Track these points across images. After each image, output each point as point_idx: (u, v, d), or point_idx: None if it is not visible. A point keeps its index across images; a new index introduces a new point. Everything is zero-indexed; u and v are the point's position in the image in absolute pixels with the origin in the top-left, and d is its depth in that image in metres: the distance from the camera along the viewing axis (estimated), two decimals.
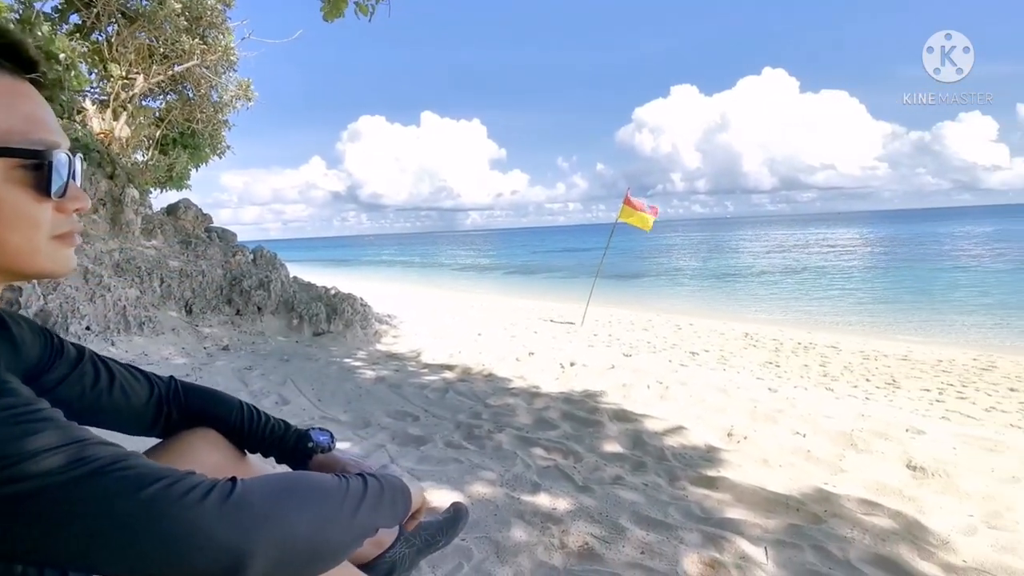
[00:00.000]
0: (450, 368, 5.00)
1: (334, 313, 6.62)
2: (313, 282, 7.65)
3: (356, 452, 2.97)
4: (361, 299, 7.19)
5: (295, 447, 1.23)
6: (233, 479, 0.65)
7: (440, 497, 2.43)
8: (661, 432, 3.37)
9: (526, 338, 7.15)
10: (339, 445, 1.28)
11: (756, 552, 2.09)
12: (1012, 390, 7.11)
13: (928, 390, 7.11)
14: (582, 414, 3.66)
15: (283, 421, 1.26)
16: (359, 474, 0.83)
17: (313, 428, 1.26)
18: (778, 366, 8.36)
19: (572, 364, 5.17)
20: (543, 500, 2.47)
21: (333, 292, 7.05)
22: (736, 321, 14.04)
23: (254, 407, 1.24)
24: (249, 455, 1.23)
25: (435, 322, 9.29)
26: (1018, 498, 2.53)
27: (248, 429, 1.20)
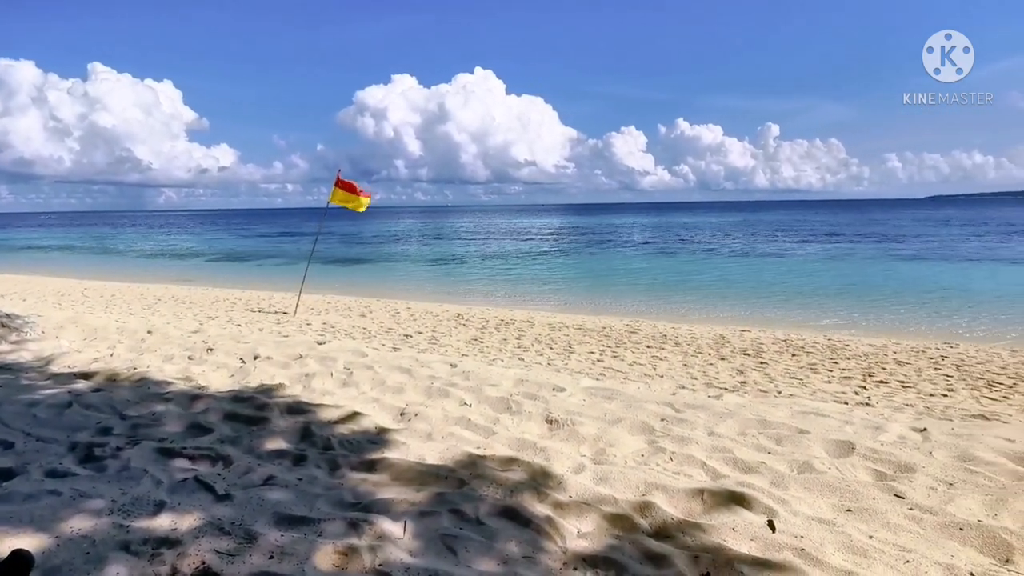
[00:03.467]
0: (87, 376, 4.05)
1: None
2: None
3: None
4: None
5: None
6: None
7: (14, 544, 1.87)
8: (334, 421, 3.23)
9: (215, 332, 6.29)
10: None
11: (396, 528, 2.10)
12: (648, 347, 8.96)
13: (593, 352, 8.50)
14: (248, 412, 3.30)
15: None
16: None
17: None
18: (481, 341, 9.06)
19: (256, 358, 4.69)
20: (163, 522, 2.09)
21: None
22: (450, 303, 14.87)
23: None
24: None
25: (94, 321, 7.57)
26: (619, 436, 3.10)
27: None
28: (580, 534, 2.14)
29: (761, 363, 7.89)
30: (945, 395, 6.35)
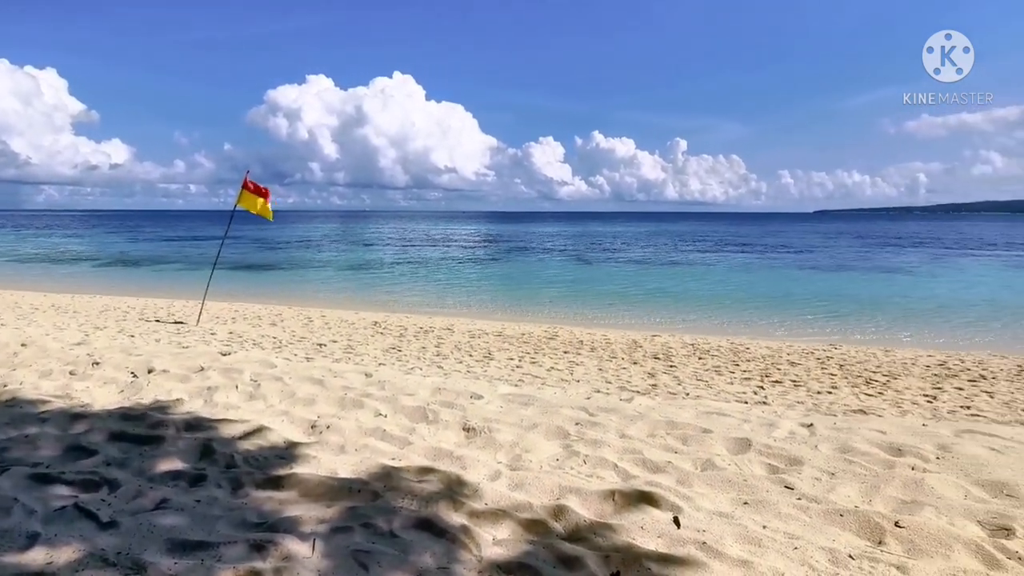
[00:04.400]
0: None
1: None
2: None
3: None
4: None
5: None
6: None
7: None
8: (238, 436, 3.05)
9: (103, 344, 5.75)
10: None
11: (303, 548, 2.01)
12: (566, 352, 9.16)
13: (512, 358, 8.57)
14: (139, 431, 3.04)
15: None
16: None
17: None
18: (399, 350, 8.90)
19: (150, 371, 4.34)
20: (37, 556, 1.88)
21: None
22: (368, 310, 14.51)
23: None
24: None
25: None
26: (535, 441, 3.14)
27: None
28: (495, 541, 2.15)
29: (671, 366, 8.29)
30: (830, 392, 6.95)
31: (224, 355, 4.96)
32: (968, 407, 6.32)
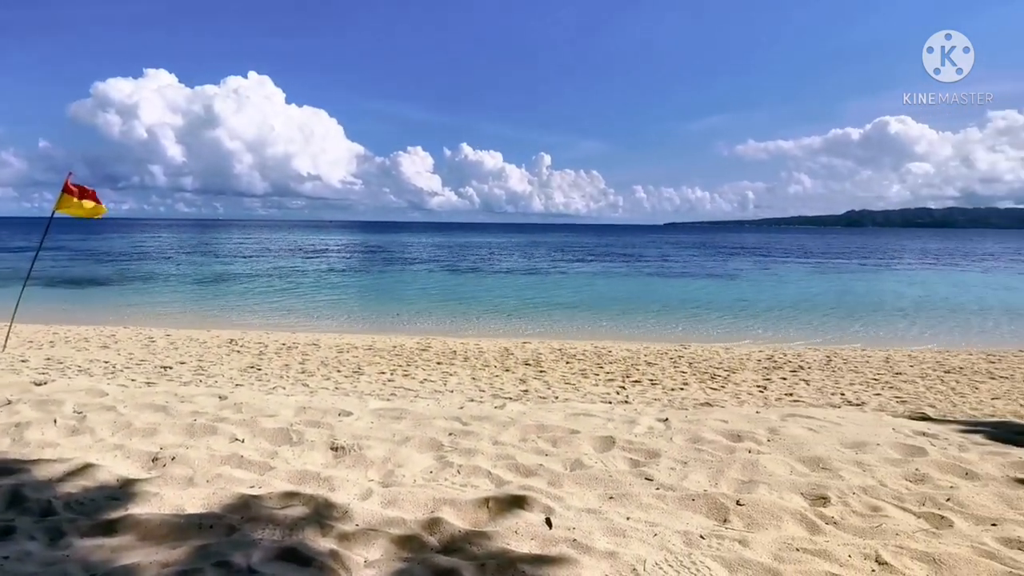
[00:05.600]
0: None
1: None
2: None
3: None
4: None
5: None
6: None
7: None
8: (57, 478, 2.62)
9: None
10: None
11: None
12: (439, 363, 9.10)
13: (384, 372, 8.33)
14: None
15: None
16: None
17: None
18: (259, 369, 8.26)
19: None
20: None
21: None
22: (222, 328, 13.32)
23: None
24: None
25: None
26: (408, 455, 3.07)
27: None
28: (368, 563, 2.05)
29: (540, 372, 8.57)
30: (682, 388, 7.61)
31: (38, 384, 4.26)
32: (791, 394, 7.26)
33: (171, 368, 8.07)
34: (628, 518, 2.41)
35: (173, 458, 2.88)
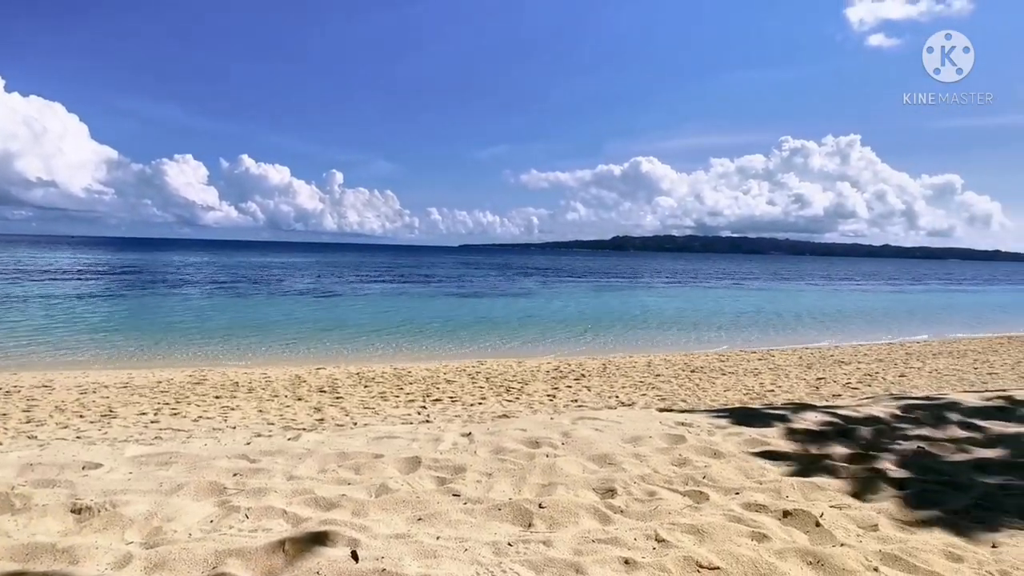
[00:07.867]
0: None
1: None
2: None
3: None
4: None
5: None
6: None
7: None
8: None
9: None
10: None
11: None
12: (217, 397, 8.05)
13: (145, 412, 7.09)
14: None
15: None
16: None
17: None
18: None
19: None
20: None
21: None
22: None
23: None
24: None
25: None
26: (181, 506, 2.62)
27: None
28: None
29: (337, 398, 8.12)
30: (481, 403, 7.85)
31: None
32: (576, 400, 7.98)
33: None
34: (438, 537, 2.36)
35: None
